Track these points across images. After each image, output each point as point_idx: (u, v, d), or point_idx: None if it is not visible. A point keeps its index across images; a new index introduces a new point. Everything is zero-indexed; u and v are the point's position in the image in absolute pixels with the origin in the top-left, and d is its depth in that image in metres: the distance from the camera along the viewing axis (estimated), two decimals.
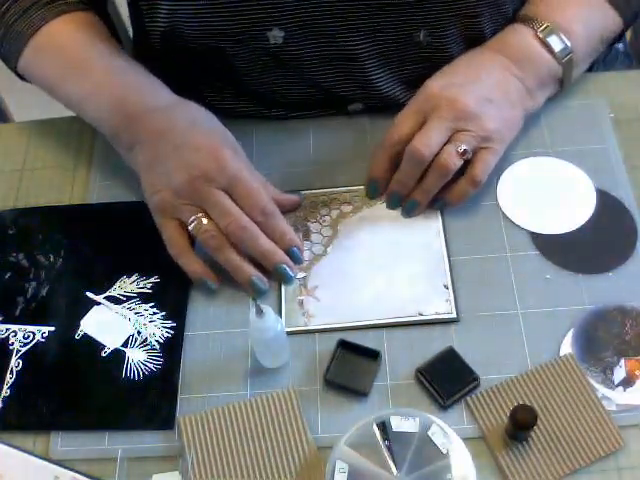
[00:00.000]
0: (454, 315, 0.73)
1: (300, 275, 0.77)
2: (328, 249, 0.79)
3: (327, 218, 0.81)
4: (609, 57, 0.99)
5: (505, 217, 0.79)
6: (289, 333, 0.73)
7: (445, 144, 0.75)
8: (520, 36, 0.80)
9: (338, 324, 0.74)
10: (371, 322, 0.73)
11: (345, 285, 0.76)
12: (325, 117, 0.88)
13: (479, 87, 0.77)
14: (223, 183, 0.73)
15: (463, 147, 0.74)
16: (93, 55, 0.82)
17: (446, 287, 0.75)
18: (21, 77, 0.87)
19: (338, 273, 0.77)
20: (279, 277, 0.76)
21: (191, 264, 0.75)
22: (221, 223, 0.73)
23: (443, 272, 0.76)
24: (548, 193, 0.80)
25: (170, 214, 0.75)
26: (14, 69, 0.86)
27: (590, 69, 0.91)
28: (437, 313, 0.73)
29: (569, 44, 0.79)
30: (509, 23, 0.83)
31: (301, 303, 0.75)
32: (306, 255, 0.78)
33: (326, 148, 0.86)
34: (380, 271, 0.77)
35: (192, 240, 0.76)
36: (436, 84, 0.78)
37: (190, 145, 0.74)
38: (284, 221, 0.76)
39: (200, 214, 0.73)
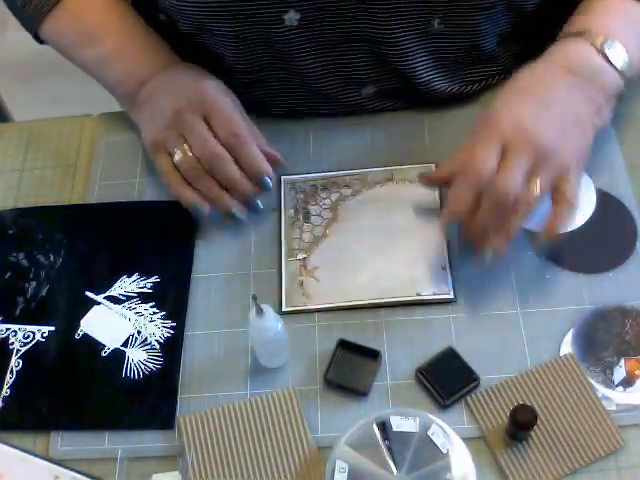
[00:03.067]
0: (451, 295, 0.74)
1: (300, 256, 0.78)
2: (328, 231, 0.80)
3: (327, 201, 0.82)
4: None
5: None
6: (289, 313, 0.74)
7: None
8: (584, 52, 0.76)
9: (337, 304, 0.75)
10: (370, 302, 0.74)
11: (344, 266, 0.77)
12: (324, 118, 0.88)
13: (554, 118, 0.73)
14: (202, 110, 0.78)
15: (542, 185, 0.71)
16: (111, 21, 0.86)
17: (444, 268, 0.75)
18: (39, 40, 0.90)
19: (338, 255, 0.78)
20: (248, 206, 0.80)
21: (183, 192, 0.79)
22: (195, 150, 0.77)
23: (441, 254, 0.76)
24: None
25: (162, 148, 0.80)
26: (35, 33, 0.89)
27: None
28: (435, 294, 0.74)
29: (628, 58, 0.76)
30: (525, 19, 0.83)
31: (301, 284, 0.76)
32: (306, 237, 0.79)
33: (326, 148, 0.86)
34: (379, 252, 0.77)
35: None
36: (510, 116, 0.73)
37: (181, 87, 0.81)
38: (256, 149, 0.79)
39: (184, 145, 0.78)
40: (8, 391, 0.73)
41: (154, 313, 0.76)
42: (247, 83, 0.87)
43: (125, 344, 0.74)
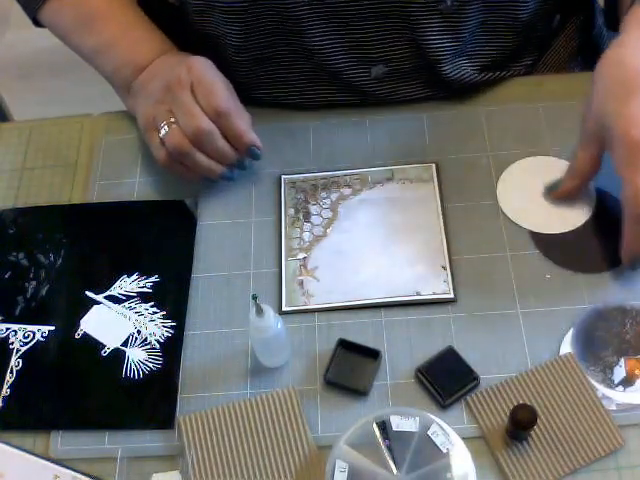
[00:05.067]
0: (451, 295, 0.74)
1: (300, 256, 0.78)
2: (328, 230, 0.80)
3: (327, 200, 0.82)
4: None
5: (505, 217, 0.79)
6: (289, 313, 0.74)
7: None
8: None
9: (337, 304, 0.75)
10: (369, 301, 0.74)
11: (344, 266, 0.77)
12: (325, 116, 0.88)
13: None
14: (189, 82, 0.77)
15: None
16: (111, 8, 0.86)
17: (444, 268, 0.76)
18: (37, 23, 0.91)
19: (338, 254, 0.78)
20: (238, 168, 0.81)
21: (171, 168, 0.80)
22: (183, 125, 0.76)
23: (441, 253, 0.77)
24: (548, 193, 0.80)
25: (152, 125, 0.80)
26: (33, 16, 0.89)
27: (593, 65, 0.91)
28: (435, 293, 0.74)
29: None
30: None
31: (301, 283, 0.76)
32: (306, 237, 0.79)
33: (326, 147, 0.86)
34: (379, 252, 0.78)
35: None
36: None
37: (173, 67, 0.80)
38: (241, 121, 0.78)
39: (171, 119, 0.77)
40: (8, 391, 0.73)
41: (154, 313, 0.76)
42: (252, 62, 0.86)
43: (125, 344, 0.74)
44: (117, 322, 0.76)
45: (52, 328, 0.76)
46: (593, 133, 0.74)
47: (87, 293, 0.78)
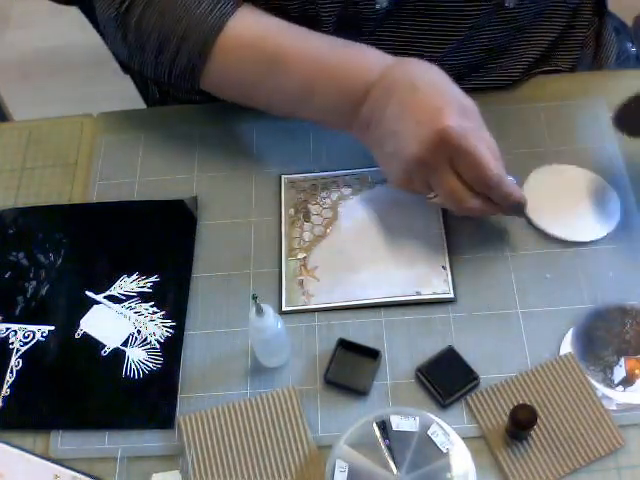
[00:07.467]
0: (452, 295, 0.74)
1: (300, 256, 0.78)
2: (328, 230, 0.80)
3: (327, 200, 0.82)
4: (622, 58, 0.99)
5: (505, 217, 0.79)
6: (289, 312, 0.74)
7: None
8: None
9: (337, 304, 0.75)
10: (369, 301, 0.74)
11: (344, 265, 0.77)
12: None
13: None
14: (447, 153, 0.69)
15: None
16: (292, 39, 0.76)
17: (444, 268, 0.76)
18: (199, 92, 0.81)
19: (338, 254, 0.78)
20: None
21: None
22: (447, 203, 0.73)
23: (441, 253, 0.77)
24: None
25: (409, 188, 0.74)
26: (195, 86, 0.80)
27: (600, 68, 0.91)
28: (435, 293, 0.74)
29: None
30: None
31: (301, 283, 0.76)
32: (306, 237, 0.79)
33: (326, 147, 0.86)
34: (379, 252, 0.78)
35: None
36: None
37: (410, 116, 0.71)
38: (507, 184, 0.71)
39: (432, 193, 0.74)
40: (8, 390, 0.73)
41: (154, 312, 0.76)
42: None
43: (125, 343, 0.74)
44: (117, 322, 0.76)
45: (52, 328, 0.76)
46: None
47: (87, 293, 0.78)
